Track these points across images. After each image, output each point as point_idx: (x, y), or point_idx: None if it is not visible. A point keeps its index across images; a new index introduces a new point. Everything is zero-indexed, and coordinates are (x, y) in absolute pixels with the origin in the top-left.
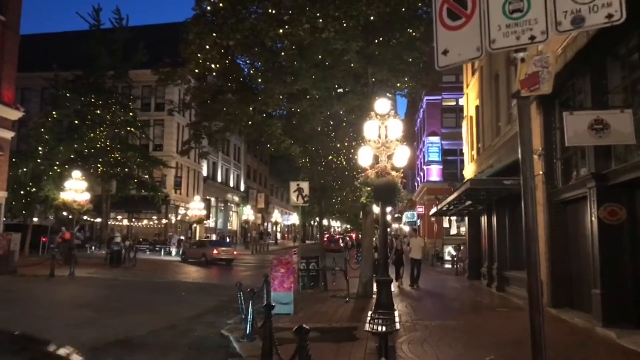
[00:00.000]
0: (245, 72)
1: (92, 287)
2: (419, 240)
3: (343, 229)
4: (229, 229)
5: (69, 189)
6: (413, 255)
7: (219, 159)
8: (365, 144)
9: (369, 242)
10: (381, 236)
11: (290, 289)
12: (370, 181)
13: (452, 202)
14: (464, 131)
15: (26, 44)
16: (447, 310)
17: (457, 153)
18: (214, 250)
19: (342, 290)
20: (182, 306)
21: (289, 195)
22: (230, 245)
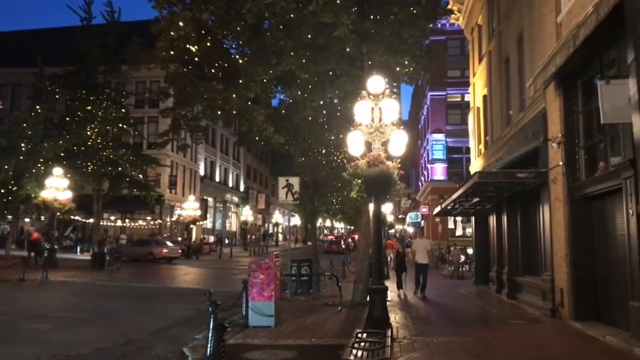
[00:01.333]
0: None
1: (61, 292)
2: (424, 241)
3: (347, 231)
4: (227, 230)
5: (50, 187)
6: (418, 259)
7: (217, 158)
8: (355, 128)
9: (365, 243)
10: (374, 236)
11: (271, 298)
12: (360, 172)
13: (457, 200)
14: (471, 124)
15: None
16: (452, 323)
17: (463, 151)
18: (164, 249)
19: (337, 297)
20: (152, 316)
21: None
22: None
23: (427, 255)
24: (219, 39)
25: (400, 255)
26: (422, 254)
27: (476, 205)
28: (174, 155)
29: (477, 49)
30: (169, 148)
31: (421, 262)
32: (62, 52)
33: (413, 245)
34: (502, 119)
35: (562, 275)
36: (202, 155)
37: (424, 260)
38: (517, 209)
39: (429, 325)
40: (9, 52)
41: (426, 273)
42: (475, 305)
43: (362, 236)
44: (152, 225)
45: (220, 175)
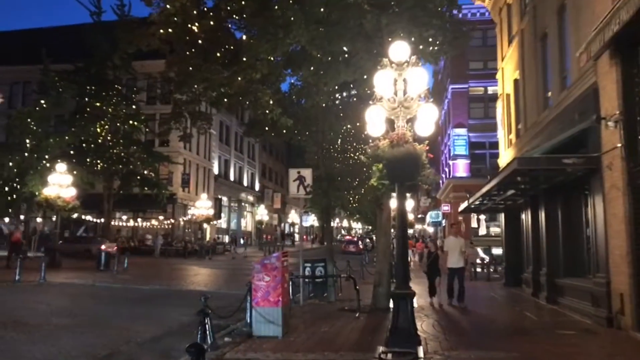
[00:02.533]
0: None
1: (55, 295)
2: (458, 241)
3: (364, 231)
4: (242, 230)
5: (53, 184)
6: (451, 262)
7: (231, 156)
8: (375, 103)
9: (385, 242)
10: (399, 231)
11: (278, 304)
12: (382, 153)
13: (488, 194)
14: (499, 113)
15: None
16: (489, 333)
17: (487, 146)
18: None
19: (354, 301)
20: (147, 322)
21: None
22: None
23: (462, 257)
24: (222, 17)
25: (433, 256)
26: (456, 256)
27: (507, 200)
28: (186, 153)
29: (507, 30)
30: (182, 145)
31: (455, 265)
32: (74, 49)
33: (445, 246)
34: (537, 103)
35: (621, 277)
36: (216, 153)
37: (459, 263)
38: (557, 202)
39: (462, 336)
40: (21, 49)
41: (462, 278)
42: (512, 311)
43: (383, 234)
44: (166, 224)
45: (235, 174)
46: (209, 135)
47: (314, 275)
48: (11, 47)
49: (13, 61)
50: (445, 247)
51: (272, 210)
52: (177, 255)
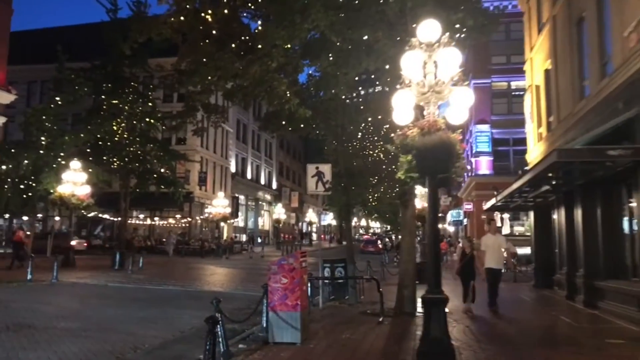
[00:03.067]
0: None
1: (66, 296)
2: (498, 239)
3: (383, 231)
4: (260, 229)
5: (67, 182)
6: (489, 262)
7: (248, 154)
8: (403, 87)
9: (409, 241)
10: (431, 230)
11: (297, 308)
12: (411, 142)
13: (519, 190)
14: (528, 106)
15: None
16: (529, 342)
17: (510, 143)
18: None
19: (377, 304)
20: (158, 326)
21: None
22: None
23: (502, 257)
24: (236, 5)
25: (468, 257)
26: (496, 256)
27: (537, 198)
28: (203, 151)
29: (536, 19)
30: (199, 143)
31: (495, 266)
32: (91, 47)
33: (482, 244)
34: (573, 93)
35: None
36: (233, 151)
37: (498, 264)
38: (595, 198)
39: (499, 345)
40: (38, 48)
41: (498, 282)
42: (547, 316)
43: (407, 232)
44: (183, 223)
45: (252, 172)
46: (226, 133)
47: (334, 276)
48: (29, 46)
49: (31, 60)
50: (483, 246)
51: (289, 209)
52: (194, 254)
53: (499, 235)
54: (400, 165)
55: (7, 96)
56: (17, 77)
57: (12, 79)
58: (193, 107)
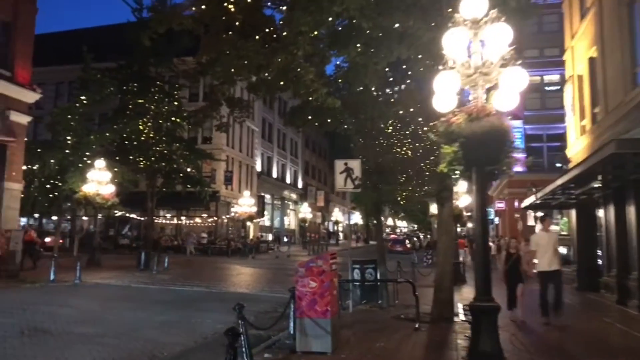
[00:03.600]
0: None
1: (87, 298)
2: (551, 236)
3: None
4: (286, 228)
5: (92, 181)
6: (542, 264)
7: (274, 153)
8: (445, 68)
9: (446, 241)
10: (478, 229)
11: (327, 314)
12: (457, 129)
13: (563, 186)
14: (569, 98)
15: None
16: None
17: (544, 139)
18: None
19: (410, 307)
20: (179, 331)
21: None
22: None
23: (557, 256)
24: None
25: (514, 258)
26: (549, 256)
27: (581, 195)
28: (229, 150)
29: (578, 4)
30: (224, 142)
31: (548, 268)
32: (118, 48)
33: (533, 244)
34: (623, 81)
35: None
36: (258, 150)
37: (553, 264)
38: None
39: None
40: (66, 50)
41: (560, 286)
42: (600, 323)
43: (444, 231)
44: (209, 222)
45: (278, 171)
46: (252, 131)
47: (364, 278)
48: (56, 47)
49: (58, 61)
50: (534, 245)
51: (315, 209)
52: (220, 253)
53: (552, 233)
54: (442, 157)
55: (32, 95)
56: (45, 79)
57: (41, 80)
58: (216, 101)
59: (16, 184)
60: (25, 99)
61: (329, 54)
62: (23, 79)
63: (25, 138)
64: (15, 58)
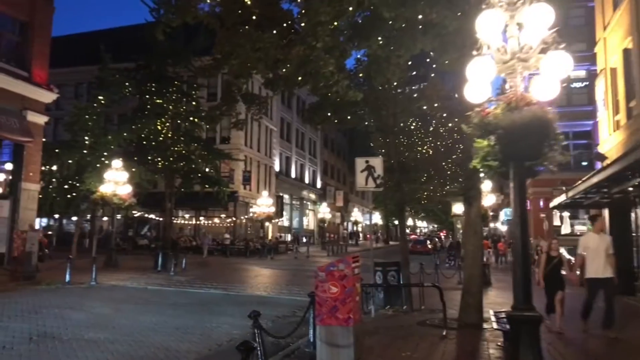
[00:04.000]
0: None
1: (101, 301)
2: (603, 239)
3: (429, 230)
4: (305, 228)
5: (109, 181)
6: (592, 270)
7: (292, 153)
8: (480, 53)
9: (474, 243)
10: (518, 231)
11: (349, 322)
12: (494, 120)
13: (598, 185)
14: (600, 92)
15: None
16: None
17: (570, 136)
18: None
19: (436, 312)
20: (192, 337)
21: (367, 192)
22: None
23: (610, 262)
24: None
25: (555, 261)
26: (601, 261)
27: (616, 194)
28: (247, 150)
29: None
30: (242, 142)
31: (600, 275)
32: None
33: (582, 247)
34: None
35: None
36: (276, 150)
37: (606, 271)
38: None
39: None
40: (85, 51)
41: (612, 296)
42: None
43: (472, 232)
44: (228, 222)
45: (296, 171)
46: (270, 131)
47: (387, 281)
48: (76, 49)
49: (78, 62)
50: (582, 248)
51: (334, 209)
52: (238, 254)
53: (604, 235)
54: (475, 152)
55: (50, 95)
56: (65, 80)
57: (60, 81)
58: (232, 97)
59: (33, 185)
60: (42, 99)
61: (350, 47)
62: (40, 78)
63: (43, 138)
64: (33, 58)
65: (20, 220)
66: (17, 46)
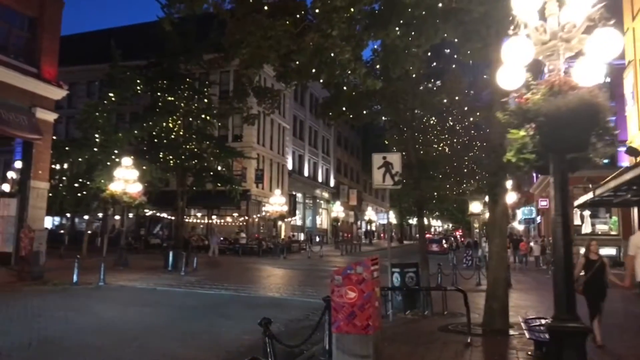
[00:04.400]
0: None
1: (107, 303)
2: None
3: (444, 229)
4: (318, 227)
5: (119, 179)
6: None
7: (305, 151)
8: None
9: (500, 243)
10: (560, 231)
11: (368, 330)
12: (534, 107)
13: (629, 182)
14: (629, 84)
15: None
16: None
17: None
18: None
19: (457, 316)
20: (199, 342)
21: (382, 190)
22: None
23: None
24: None
25: (597, 265)
26: None
27: None
28: (260, 148)
29: None
30: (255, 140)
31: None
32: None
33: (631, 246)
34: None
35: None
36: (289, 148)
37: None
38: None
39: None
40: (99, 49)
41: None
42: None
43: (498, 232)
44: (240, 221)
45: (309, 170)
46: (282, 129)
47: (405, 283)
48: (89, 47)
49: (90, 61)
50: (633, 248)
51: (348, 207)
52: (251, 253)
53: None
54: (509, 145)
55: (59, 92)
56: (78, 78)
57: (73, 79)
58: (243, 90)
59: (43, 183)
60: (51, 96)
61: (366, 37)
62: (49, 75)
63: (53, 137)
64: (42, 54)
65: (29, 219)
66: (26, 42)
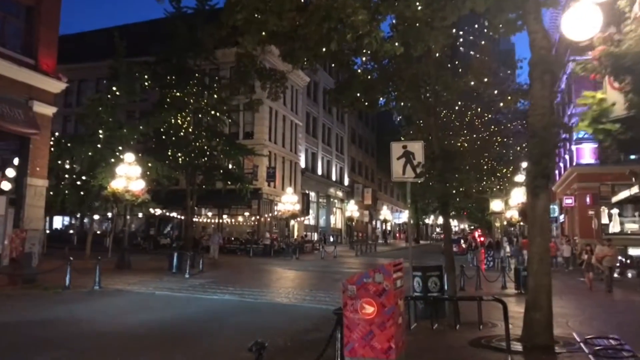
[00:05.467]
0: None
1: (97, 309)
2: None
3: (460, 229)
4: (332, 227)
5: (121, 176)
6: None
7: (318, 149)
8: None
9: (541, 244)
10: None
11: (390, 354)
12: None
13: None
14: None
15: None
16: None
17: None
18: None
19: (489, 327)
20: (190, 358)
21: (398, 189)
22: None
23: None
24: None
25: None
26: None
27: None
28: (271, 146)
29: None
30: (266, 137)
31: None
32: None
33: None
34: None
35: None
36: (302, 146)
37: None
38: None
39: None
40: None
41: None
42: None
43: (539, 231)
44: (251, 221)
45: (323, 168)
46: (295, 126)
47: (427, 287)
48: (98, 44)
49: (98, 58)
50: None
51: (362, 207)
52: (263, 254)
53: None
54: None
55: (58, 85)
56: (85, 75)
57: (80, 76)
58: (245, 72)
59: (40, 180)
60: (50, 89)
61: (383, 8)
62: (47, 67)
63: (56, 132)
64: (39, 45)
65: (26, 218)
66: (23, 32)
